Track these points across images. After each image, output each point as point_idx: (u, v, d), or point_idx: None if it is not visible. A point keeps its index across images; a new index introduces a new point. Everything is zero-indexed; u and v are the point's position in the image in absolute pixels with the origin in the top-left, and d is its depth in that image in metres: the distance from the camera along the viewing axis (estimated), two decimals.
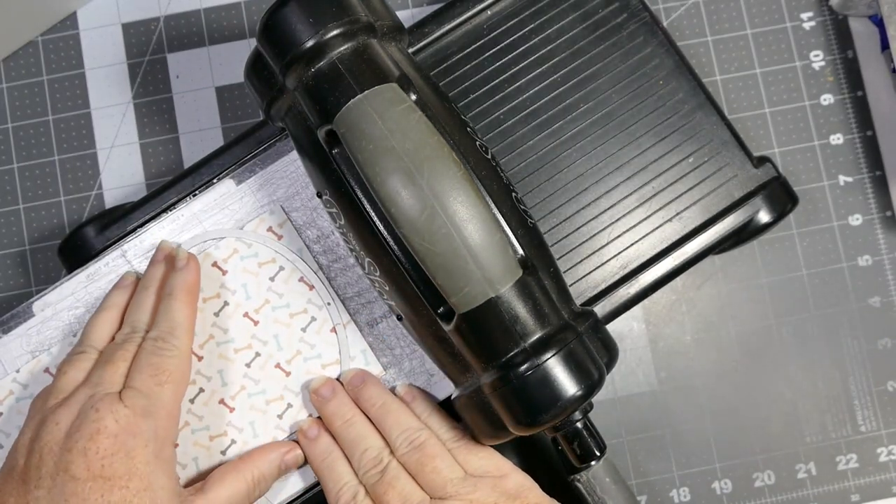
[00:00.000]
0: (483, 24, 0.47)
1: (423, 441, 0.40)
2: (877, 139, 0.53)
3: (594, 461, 0.41)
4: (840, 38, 0.53)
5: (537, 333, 0.37)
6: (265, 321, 0.43)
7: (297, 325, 0.43)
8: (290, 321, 0.43)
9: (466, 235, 0.36)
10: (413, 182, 0.36)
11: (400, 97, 0.37)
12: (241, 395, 0.43)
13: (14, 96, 0.53)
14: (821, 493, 0.51)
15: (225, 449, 0.42)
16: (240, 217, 0.44)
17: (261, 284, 0.43)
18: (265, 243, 0.43)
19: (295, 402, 0.43)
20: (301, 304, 0.43)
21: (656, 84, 0.47)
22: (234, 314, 0.43)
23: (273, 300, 0.43)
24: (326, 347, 0.43)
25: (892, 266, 0.52)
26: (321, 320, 0.43)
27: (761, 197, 0.46)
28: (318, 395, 0.42)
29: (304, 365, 0.43)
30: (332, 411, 0.42)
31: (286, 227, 0.44)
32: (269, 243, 0.44)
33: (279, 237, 0.44)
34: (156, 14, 0.53)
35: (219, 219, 0.44)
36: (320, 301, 0.43)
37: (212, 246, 0.44)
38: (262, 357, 0.43)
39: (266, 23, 0.38)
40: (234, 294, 0.43)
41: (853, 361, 0.52)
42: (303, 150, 0.40)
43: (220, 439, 0.42)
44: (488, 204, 0.37)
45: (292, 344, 0.43)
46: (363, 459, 0.40)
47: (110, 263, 0.44)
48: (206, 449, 0.42)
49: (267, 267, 0.43)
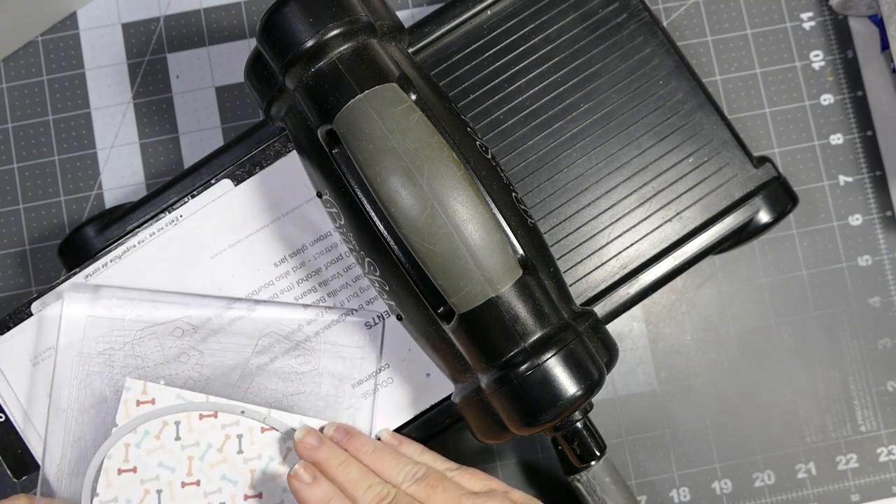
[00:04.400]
0: (483, 24, 0.47)
1: (425, 472, 0.40)
2: (877, 139, 0.53)
3: (594, 461, 0.41)
4: (840, 38, 0.53)
5: (537, 333, 0.37)
6: (203, 473, 0.41)
7: (231, 451, 0.42)
8: (222, 456, 0.42)
9: (466, 235, 0.36)
10: (413, 182, 0.36)
11: (400, 97, 0.37)
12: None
13: (14, 96, 0.53)
14: (821, 493, 0.51)
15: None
16: (237, 216, 0.44)
17: (172, 451, 0.41)
18: (148, 418, 0.41)
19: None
20: (218, 436, 0.42)
21: (656, 84, 0.47)
22: (175, 493, 0.41)
23: (194, 453, 0.41)
24: (268, 447, 0.42)
25: (892, 266, 0.52)
26: (246, 431, 0.42)
27: (761, 197, 0.46)
28: (304, 445, 0.40)
29: (267, 476, 0.42)
30: (325, 456, 0.40)
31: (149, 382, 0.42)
32: (150, 415, 0.41)
33: (152, 401, 0.42)
34: (156, 14, 0.53)
35: (215, 221, 0.44)
36: (232, 418, 0.42)
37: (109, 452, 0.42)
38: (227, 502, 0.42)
39: (266, 23, 0.38)
40: (158, 478, 0.41)
41: (853, 361, 0.52)
42: (303, 150, 0.40)
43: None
44: (488, 204, 0.37)
45: (242, 470, 0.42)
46: (369, 495, 0.38)
47: (109, 264, 0.44)
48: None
49: (166, 430, 0.41)
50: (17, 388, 0.44)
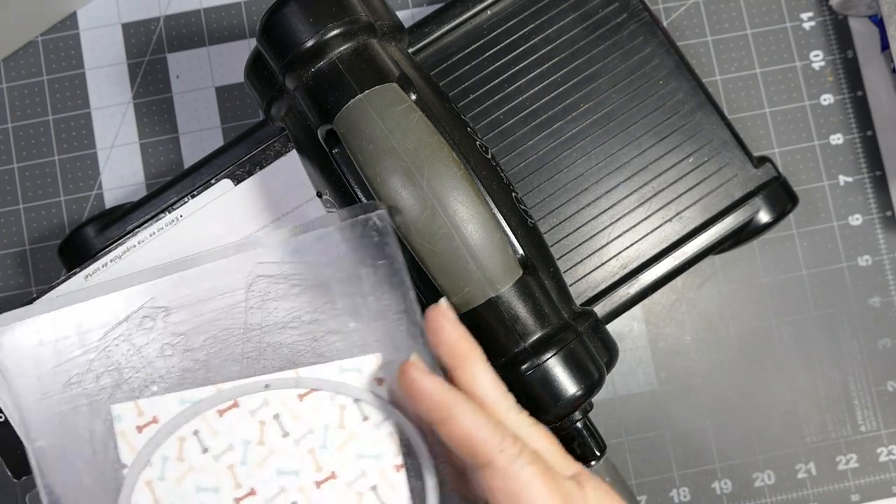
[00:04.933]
0: (483, 24, 0.47)
1: None
2: (877, 139, 0.53)
3: (594, 461, 0.41)
4: (840, 38, 0.53)
5: (537, 333, 0.37)
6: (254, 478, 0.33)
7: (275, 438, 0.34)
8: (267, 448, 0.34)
9: (466, 235, 0.36)
10: (413, 182, 0.36)
11: (400, 97, 0.37)
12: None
13: (14, 96, 0.53)
14: (821, 493, 0.51)
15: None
16: (237, 216, 0.44)
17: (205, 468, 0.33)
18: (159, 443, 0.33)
19: None
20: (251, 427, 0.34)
21: (656, 84, 0.47)
22: None
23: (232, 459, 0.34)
24: (316, 414, 0.34)
25: (892, 266, 0.52)
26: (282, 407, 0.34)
27: (761, 197, 0.46)
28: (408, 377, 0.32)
29: (330, 448, 0.34)
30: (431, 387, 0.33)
31: None
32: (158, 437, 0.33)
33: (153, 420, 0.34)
34: (156, 14, 0.53)
35: (215, 221, 0.44)
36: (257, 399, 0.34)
37: None
38: None
39: (266, 23, 0.38)
40: None
41: (853, 361, 0.52)
42: (303, 150, 0.40)
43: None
44: (488, 204, 0.37)
45: (298, 455, 0.34)
46: None
47: (109, 264, 0.44)
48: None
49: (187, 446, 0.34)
50: None
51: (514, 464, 0.31)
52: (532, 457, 0.32)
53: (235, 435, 0.33)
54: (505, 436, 0.31)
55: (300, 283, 0.35)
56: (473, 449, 0.31)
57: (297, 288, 0.35)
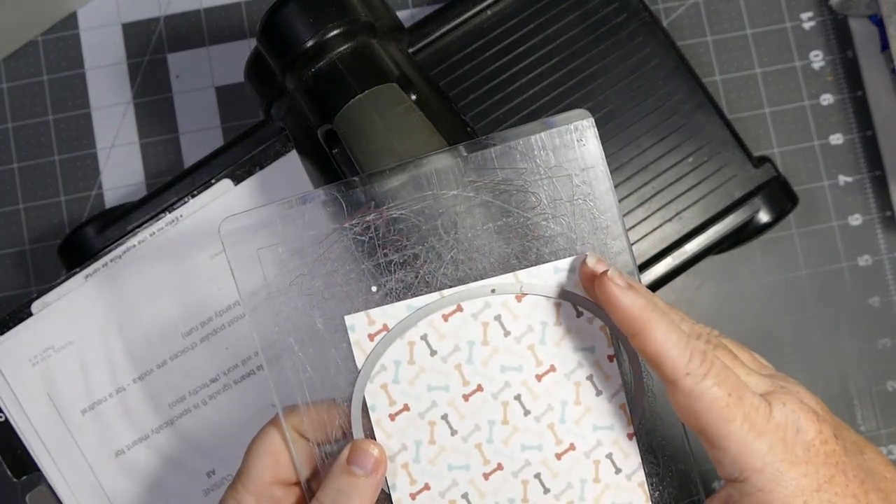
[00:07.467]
0: (483, 24, 0.47)
1: None
2: (877, 139, 0.53)
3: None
4: (840, 38, 0.53)
5: None
6: (481, 375, 0.36)
7: (498, 338, 0.36)
8: (491, 347, 0.35)
9: None
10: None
11: (400, 97, 0.37)
12: None
13: (14, 96, 0.53)
14: None
15: None
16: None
17: (435, 368, 0.36)
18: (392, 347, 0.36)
19: None
20: (475, 329, 0.35)
21: (656, 84, 0.47)
22: (462, 411, 0.36)
23: (460, 358, 0.36)
24: (534, 313, 0.35)
25: (892, 266, 0.52)
26: (502, 308, 0.35)
27: (761, 197, 0.46)
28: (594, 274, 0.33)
29: (549, 344, 0.36)
30: None
31: None
32: (388, 342, 0.35)
33: (384, 328, 0.35)
34: (156, 14, 0.53)
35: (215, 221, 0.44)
36: (478, 304, 0.35)
37: None
38: None
39: (266, 23, 0.38)
40: (435, 405, 0.36)
41: (853, 361, 0.52)
42: (303, 150, 0.40)
43: None
44: None
45: (520, 352, 0.35)
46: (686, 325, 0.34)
47: (109, 264, 0.44)
48: None
49: (417, 349, 0.36)
50: (17, 388, 0.44)
51: (697, 386, 0.32)
52: (718, 377, 0.32)
53: (461, 337, 0.35)
54: (694, 355, 0.32)
55: (507, 188, 0.36)
56: (662, 366, 0.32)
57: (504, 194, 0.36)
